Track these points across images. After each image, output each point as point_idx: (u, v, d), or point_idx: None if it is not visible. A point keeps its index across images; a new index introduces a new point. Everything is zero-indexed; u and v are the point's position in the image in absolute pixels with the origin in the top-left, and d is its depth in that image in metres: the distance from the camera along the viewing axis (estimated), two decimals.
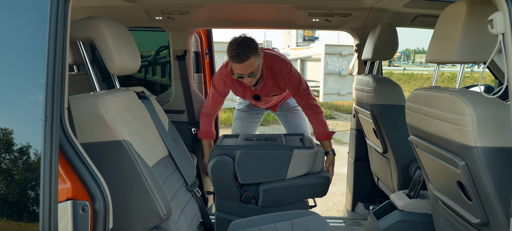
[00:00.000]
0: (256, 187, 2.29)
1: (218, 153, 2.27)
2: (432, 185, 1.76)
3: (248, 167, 2.22)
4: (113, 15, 2.69)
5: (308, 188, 2.29)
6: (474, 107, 1.27)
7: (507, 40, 1.09)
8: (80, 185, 1.11)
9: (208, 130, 2.61)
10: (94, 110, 1.29)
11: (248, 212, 2.27)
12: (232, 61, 2.17)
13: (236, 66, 2.18)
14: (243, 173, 2.23)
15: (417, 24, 2.75)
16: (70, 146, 1.10)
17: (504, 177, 1.23)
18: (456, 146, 1.35)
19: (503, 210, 1.26)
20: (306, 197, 2.35)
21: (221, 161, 2.22)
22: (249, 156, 2.23)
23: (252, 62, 2.17)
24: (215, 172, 2.23)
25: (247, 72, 2.20)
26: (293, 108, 2.95)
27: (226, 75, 2.41)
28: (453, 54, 1.37)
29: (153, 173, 1.40)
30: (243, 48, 2.13)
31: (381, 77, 2.51)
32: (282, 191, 2.25)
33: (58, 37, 0.92)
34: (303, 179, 2.28)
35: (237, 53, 2.13)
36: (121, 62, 1.46)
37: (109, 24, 1.44)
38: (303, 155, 2.24)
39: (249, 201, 2.29)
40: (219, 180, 2.24)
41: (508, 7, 1.09)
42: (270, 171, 2.23)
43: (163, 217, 1.37)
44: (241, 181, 2.24)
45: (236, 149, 2.25)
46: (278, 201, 2.28)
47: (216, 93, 2.52)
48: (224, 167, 2.22)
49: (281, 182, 2.25)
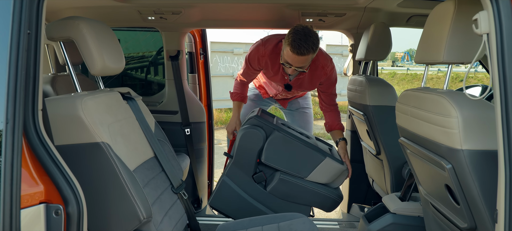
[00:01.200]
0: (273, 172, 2.25)
1: (255, 123, 2.21)
2: (422, 188, 1.73)
3: (277, 150, 2.17)
4: (105, 15, 2.68)
5: (320, 197, 2.25)
6: (460, 109, 1.23)
7: (491, 40, 1.06)
8: (53, 188, 1.09)
9: (242, 93, 2.60)
10: (72, 111, 1.27)
11: (253, 191, 2.23)
12: (291, 49, 2.06)
13: (292, 56, 2.08)
14: (269, 153, 2.17)
15: (413, 24, 2.71)
16: (44, 148, 1.08)
17: (490, 181, 1.19)
18: (442, 148, 1.32)
19: (489, 214, 1.23)
20: (314, 205, 2.31)
21: (254, 131, 2.16)
22: (283, 140, 2.18)
23: (308, 59, 2.11)
24: (244, 138, 2.17)
25: (299, 65, 2.13)
26: (302, 108, 2.93)
27: (262, 54, 2.33)
28: (440, 55, 1.34)
29: (133, 175, 1.38)
30: (307, 42, 2.05)
31: (374, 77, 2.48)
32: (295, 188, 2.21)
33: (21, 37, 0.90)
34: (320, 187, 2.24)
35: (300, 45, 2.03)
36: (102, 63, 1.44)
37: (90, 24, 1.42)
38: (332, 166, 2.21)
39: (260, 182, 2.25)
40: (244, 148, 2.18)
41: (492, 7, 1.06)
42: (294, 164, 2.19)
43: (142, 220, 1.35)
44: (264, 160, 2.18)
45: (275, 128, 2.20)
46: (286, 195, 2.23)
47: (249, 69, 2.47)
48: (255, 138, 2.16)
49: (299, 180, 2.21)
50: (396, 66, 30.59)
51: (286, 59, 2.15)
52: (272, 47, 2.28)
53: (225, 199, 2.25)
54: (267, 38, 2.35)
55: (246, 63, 2.47)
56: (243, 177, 2.23)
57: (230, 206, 2.25)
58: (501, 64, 1.04)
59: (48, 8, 2.55)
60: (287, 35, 2.11)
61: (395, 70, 23.64)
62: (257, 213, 2.23)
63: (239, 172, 2.22)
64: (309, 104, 3.00)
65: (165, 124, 3.00)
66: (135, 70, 3.88)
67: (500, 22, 1.04)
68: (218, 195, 2.25)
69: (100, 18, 2.71)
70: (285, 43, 2.11)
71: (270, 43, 2.30)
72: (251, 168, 2.22)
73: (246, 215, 2.22)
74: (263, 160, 2.18)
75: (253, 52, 2.40)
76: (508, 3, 1.04)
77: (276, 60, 2.29)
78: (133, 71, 3.86)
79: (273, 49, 2.28)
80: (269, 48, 2.29)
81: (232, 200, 2.24)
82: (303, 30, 2.07)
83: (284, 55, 2.15)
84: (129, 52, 3.82)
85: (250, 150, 2.18)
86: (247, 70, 2.48)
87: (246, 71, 2.50)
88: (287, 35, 2.11)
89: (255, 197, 2.24)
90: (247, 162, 2.21)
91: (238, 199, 2.24)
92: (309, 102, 3.00)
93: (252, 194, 2.24)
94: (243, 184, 2.23)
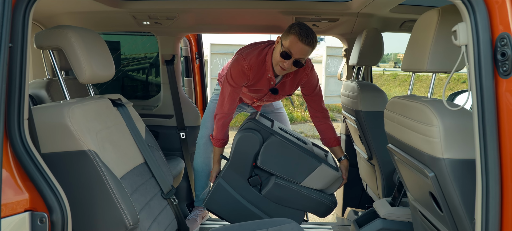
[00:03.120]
0: (268, 176, 2.26)
1: (252, 127, 2.22)
2: (410, 194, 1.74)
3: (273, 154, 2.18)
4: (101, 20, 2.71)
5: (314, 203, 2.26)
6: (441, 118, 1.24)
7: (470, 51, 1.07)
8: (38, 196, 1.11)
9: (225, 138, 2.40)
10: (59, 120, 1.29)
11: (248, 194, 2.25)
12: (299, 38, 2.05)
13: (299, 45, 2.07)
14: (265, 158, 2.18)
15: (406, 29, 2.73)
16: (29, 157, 1.10)
17: (471, 189, 1.20)
18: (425, 156, 1.33)
19: (470, 222, 1.24)
20: (308, 210, 2.31)
21: (251, 135, 2.17)
22: (280, 145, 2.18)
23: (310, 51, 2.12)
24: (240, 142, 2.18)
25: (302, 55, 2.11)
26: (276, 110, 2.91)
27: (248, 67, 2.28)
28: (424, 64, 1.35)
29: (120, 182, 1.40)
30: (313, 33, 2.09)
31: (366, 83, 2.49)
32: (290, 192, 2.22)
33: (2, 51, 0.92)
34: (315, 193, 2.25)
35: (307, 34, 2.06)
36: (91, 71, 1.46)
37: (78, 32, 1.44)
38: (327, 172, 2.21)
39: (255, 185, 2.26)
40: (240, 152, 2.19)
41: (470, 19, 1.07)
42: (290, 169, 2.20)
43: (129, 227, 1.36)
44: (260, 164, 2.19)
45: (272, 133, 2.22)
46: (281, 199, 2.25)
47: (234, 89, 2.33)
48: (251, 141, 2.17)
49: (293, 185, 2.23)
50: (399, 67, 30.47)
51: (288, 47, 2.10)
52: (254, 58, 2.27)
53: (220, 201, 2.26)
54: (246, 52, 2.30)
55: (230, 84, 2.31)
56: (239, 180, 2.24)
57: (224, 208, 2.27)
58: (478, 75, 1.05)
59: (43, 13, 2.60)
60: (287, 29, 2.12)
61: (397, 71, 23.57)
62: (251, 216, 2.25)
63: (235, 175, 2.24)
64: (281, 104, 2.99)
65: (161, 128, 3.03)
66: (136, 71, 3.90)
67: (477, 34, 1.05)
68: (213, 197, 2.26)
69: (95, 24, 2.75)
70: (288, 35, 2.10)
71: (251, 55, 2.27)
72: (246, 171, 2.23)
73: (240, 218, 2.23)
74: (259, 164, 2.19)
75: (235, 70, 2.29)
76: (486, 15, 1.05)
77: (260, 67, 2.28)
78: (134, 73, 3.88)
79: (256, 59, 2.27)
80: (252, 59, 2.26)
81: (227, 203, 2.26)
82: (305, 24, 2.11)
83: (286, 45, 2.11)
84: (130, 53, 3.84)
85: (246, 154, 2.19)
86: (233, 90, 2.32)
87: (231, 93, 2.32)
88: (289, 28, 2.11)
89: (249, 200, 2.26)
90: (243, 165, 2.22)
91: (233, 202, 2.25)
92: (280, 102, 2.99)
93: (247, 197, 2.25)
94: (238, 187, 2.25)
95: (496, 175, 1.02)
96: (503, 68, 1.01)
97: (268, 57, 2.26)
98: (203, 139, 2.68)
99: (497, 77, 1.04)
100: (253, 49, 2.31)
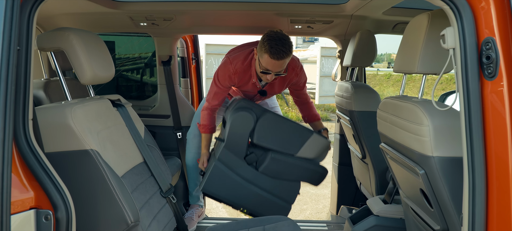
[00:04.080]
0: (264, 152, 2.31)
1: (244, 106, 2.27)
2: (402, 191, 1.79)
3: (268, 130, 2.25)
4: (98, 21, 2.73)
5: (309, 172, 2.37)
6: (431, 118, 1.30)
7: (457, 55, 1.13)
8: (43, 194, 1.14)
9: (212, 125, 2.51)
10: (61, 120, 1.33)
11: (246, 173, 2.30)
12: (270, 56, 2.07)
13: (271, 62, 2.09)
14: (260, 134, 2.24)
15: (399, 31, 2.78)
16: (34, 156, 1.14)
17: (459, 186, 1.26)
18: (416, 155, 1.38)
19: (459, 218, 1.29)
20: (303, 180, 2.41)
21: (245, 114, 2.21)
22: (275, 120, 2.27)
23: (286, 61, 2.14)
24: (236, 121, 2.22)
25: (278, 69, 2.15)
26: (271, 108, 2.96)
27: (233, 71, 2.34)
28: (415, 66, 1.41)
29: (121, 181, 1.44)
30: (284, 45, 2.07)
31: (360, 84, 2.54)
32: (286, 165, 2.30)
33: (11, 55, 0.95)
34: (308, 163, 2.35)
35: (278, 50, 2.05)
36: (92, 73, 1.50)
37: (79, 34, 1.48)
38: (319, 140, 2.33)
39: (252, 163, 2.31)
40: (235, 131, 2.23)
41: (457, 23, 1.12)
42: (285, 142, 2.28)
43: (130, 224, 1.40)
44: (256, 141, 2.25)
45: (264, 110, 2.30)
46: (278, 173, 2.32)
47: (220, 88, 2.42)
48: (246, 120, 2.22)
49: (289, 157, 2.30)
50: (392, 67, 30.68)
51: (265, 66, 2.14)
52: (240, 63, 2.32)
53: (217, 184, 2.30)
54: (233, 56, 2.37)
55: (216, 85, 2.41)
56: (235, 160, 2.28)
57: (223, 191, 2.31)
58: (464, 77, 1.10)
59: (41, 14, 2.61)
60: (261, 43, 2.12)
61: (390, 71, 23.70)
62: (249, 195, 2.31)
63: (231, 155, 2.27)
64: (276, 102, 3.05)
65: (157, 128, 3.06)
66: (130, 71, 3.92)
67: (464, 38, 1.10)
68: (210, 180, 2.29)
69: (92, 24, 2.78)
70: (261, 52, 2.12)
71: (238, 60, 2.33)
72: (242, 150, 2.28)
73: (239, 197, 2.29)
74: (255, 140, 2.25)
75: (222, 73, 2.38)
76: (472, 21, 1.10)
77: (246, 72, 2.33)
78: (128, 73, 3.89)
79: (241, 64, 2.33)
80: (238, 64, 2.32)
81: (225, 184, 2.30)
82: (277, 35, 2.10)
83: (262, 63, 2.15)
84: (124, 53, 3.85)
85: (242, 132, 2.24)
86: (219, 91, 2.42)
87: (217, 92, 2.43)
88: (261, 43, 2.11)
89: (247, 179, 2.31)
90: (238, 144, 2.26)
91: (231, 183, 2.29)
92: (275, 101, 3.04)
93: (244, 176, 2.30)
94: (235, 167, 2.29)
95: (482, 171, 1.08)
96: (488, 71, 1.07)
97: (252, 63, 2.33)
98: (191, 134, 2.76)
99: (482, 79, 1.09)
100: (240, 53, 2.38)
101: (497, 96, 1.05)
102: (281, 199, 2.39)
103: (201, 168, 2.48)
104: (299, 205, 4.34)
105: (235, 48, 2.49)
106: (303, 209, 4.25)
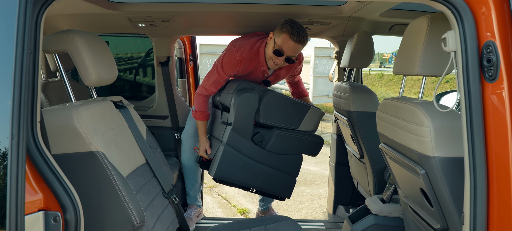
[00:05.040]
0: (268, 131, 2.40)
1: (247, 87, 2.33)
2: (401, 191, 1.83)
3: (272, 108, 2.34)
4: (96, 22, 2.73)
5: (309, 144, 2.50)
6: (432, 119, 1.33)
7: (458, 58, 1.16)
8: (51, 196, 1.15)
9: (207, 111, 2.52)
10: (68, 122, 1.33)
11: (254, 153, 2.38)
12: (290, 36, 2.18)
13: (290, 43, 2.20)
14: (265, 112, 2.33)
15: (395, 32, 2.83)
16: (42, 158, 1.14)
17: (459, 185, 1.29)
18: (416, 155, 1.42)
19: (459, 216, 1.33)
20: (304, 152, 2.53)
21: (250, 95, 2.28)
22: (277, 98, 2.36)
23: (300, 48, 2.27)
24: (242, 103, 2.27)
25: (294, 53, 2.27)
26: None
27: (240, 59, 2.36)
28: (415, 68, 1.44)
29: (127, 182, 1.45)
30: (304, 32, 2.22)
31: (357, 84, 2.58)
32: (290, 140, 2.42)
33: (25, 58, 0.96)
34: (308, 135, 2.49)
35: (299, 33, 2.18)
36: (96, 75, 1.50)
37: (84, 37, 1.48)
38: (315, 112, 2.47)
39: (258, 142, 2.39)
40: (242, 112, 2.29)
41: (458, 27, 1.15)
42: (287, 118, 2.39)
43: (136, 225, 1.41)
44: (261, 120, 2.33)
45: (264, 89, 2.38)
46: (283, 149, 2.43)
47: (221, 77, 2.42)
48: (251, 100, 2.29)
49: (292, 132, 2.41)
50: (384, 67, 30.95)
51: (280, 45, 2.23)
52: (247, 50, 2.37)
53: (228, 168, 2.35)
54: (239, 44, 2.39)
55: (218, 72, 2.40)
56: (243, 141, 2.34)
57: (234, 174, 2.37)
58: (466, 79, 1.14)
59: None
60: (281, 25, 2.23)
61: (382, 71, 23.93)
62: (259, 173, 2.41)
63: (238, 137, 2.33)
64: None
65: (156, 129, 3.07)
66: (123, 71, 3.90)
67: (465, 42, 1.14)
68: (221, 165, 2.33)
69: (90, 25, 2.77)
70: (280, 33, 2.22)
71: (244, 47, 2.37)
72: (249, 131, 2.35)
73: (250, 178, 2.38)
74: (261, 119, 2.34)
75: (227, 60, 2.37)
76: (473, 24, 1.14)
77: (252, 60, 2.39)
78: (121, 72, 3.88)
79: (248, 52, 2.37)
80: (245, 52, 2.36)
81: (235, 167, 2.36)
82: (297, 22, 2.23)
83: (278, 43, 2.23)
84: (117, 53, 3.84)
85: (248, 113, 2.31)
86: (219, 79, 2.42)
87: (217, 80, 2.43)
88: (282, 25, 2.22)
89: (256, 159, 2.40)
90: (245, 125, 2.33)
91: (241, 165, 2.36)
92: None
93: (253, 156, 2.38)
94: (243, 148, 2.35)
95: (483, 171, 1.11)
96: (489, 73, 1.10)
97: (260, 51, 2.39)
98: (185, 135, 2.77)
99: (483, 81, 1.13)
100: (246, 42, 2.43)
101: (497, 98, 1.09)
102: (287, 173, 2.51)
103: (203, 155, 2.51)
104: (294, 204, 4.37)
105: (237, 38, 2.56)
106: (299, 209, 4.28)
